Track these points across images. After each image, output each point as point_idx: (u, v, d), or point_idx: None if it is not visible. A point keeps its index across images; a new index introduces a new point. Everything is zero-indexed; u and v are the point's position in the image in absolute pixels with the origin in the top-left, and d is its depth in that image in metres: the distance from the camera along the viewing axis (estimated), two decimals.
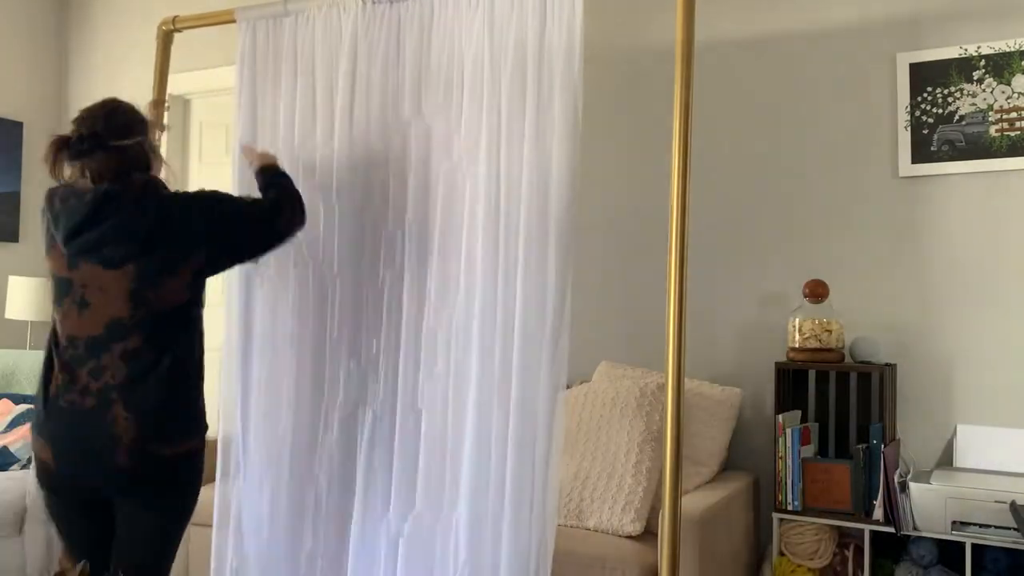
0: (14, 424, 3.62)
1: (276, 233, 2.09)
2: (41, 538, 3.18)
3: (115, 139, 1.90)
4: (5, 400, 3.71)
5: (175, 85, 4.41)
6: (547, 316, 2.09)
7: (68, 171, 1.92)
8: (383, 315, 2.33)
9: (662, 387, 2.87)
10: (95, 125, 1.90)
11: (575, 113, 2.09)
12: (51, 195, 1.97)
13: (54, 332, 1.96)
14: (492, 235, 2.16)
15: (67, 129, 1.95)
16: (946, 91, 2.90)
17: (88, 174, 1.90)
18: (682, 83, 1.99)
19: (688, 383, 3.03)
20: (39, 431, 1.92)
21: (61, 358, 1.91)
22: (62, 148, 1.90)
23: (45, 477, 1.93)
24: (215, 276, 2.05)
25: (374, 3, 2.34)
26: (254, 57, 2.56)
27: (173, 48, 2.82)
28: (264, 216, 2.06)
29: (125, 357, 1.85)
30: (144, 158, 1.98)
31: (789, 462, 2.74)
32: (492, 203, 2.16)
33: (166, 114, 2.68)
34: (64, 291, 1.93)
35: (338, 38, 2.40)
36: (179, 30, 2.76)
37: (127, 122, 1.95)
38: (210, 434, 2.12)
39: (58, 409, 1.87)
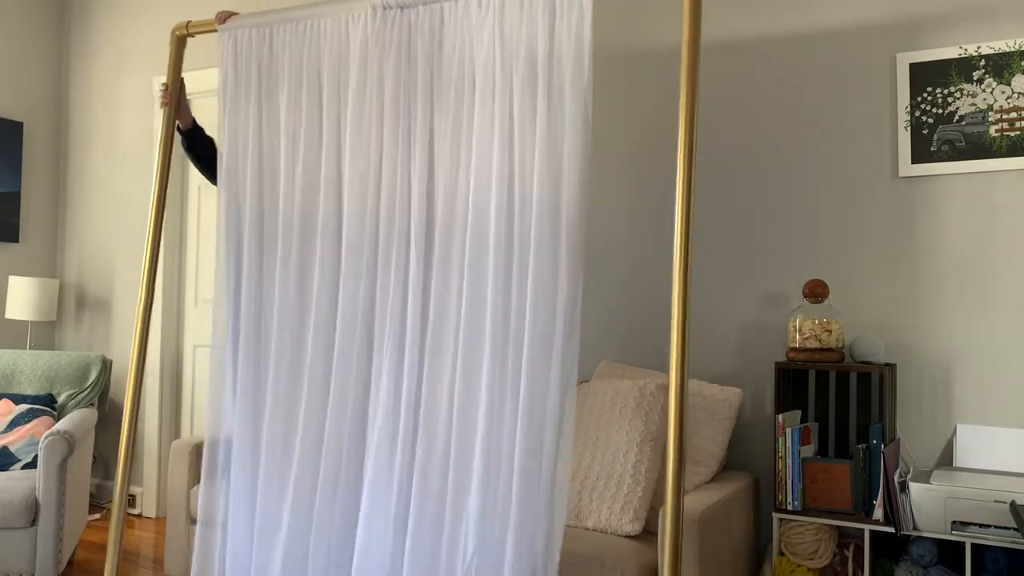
0: (14, 424, 3.62)
1: None
2: (51, 531, 3.19)
3: None
4: (5, 400, 3.71)
5: None
6: (558, 316, 2.10)
7: None
8: (389, 314, 2.32)
9: (661, 387, 2.87)
10: None
11: (585, 115, 2.09)
12: None
13: None
14: (505, 236, 2.16)
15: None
16: (946, 91, 2.90)
17: None
18: (688, 85, 1.99)
19: (688, 383, 3.03)
20: None
21: None
22: None
23: None
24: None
25: (384, 9, 2.34)
26: (236, 68, 2.58)
27: None
28: None
29: None
30: None
31: (789, 462, 2.74)
32: (503, 205, 2.16)
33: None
34: None
35: (346, 46, 2.40)
36: (192, 35, 2.76)
37: None
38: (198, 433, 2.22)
39: None
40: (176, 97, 2.75)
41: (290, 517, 2.41)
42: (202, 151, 2.80)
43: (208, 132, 2.83)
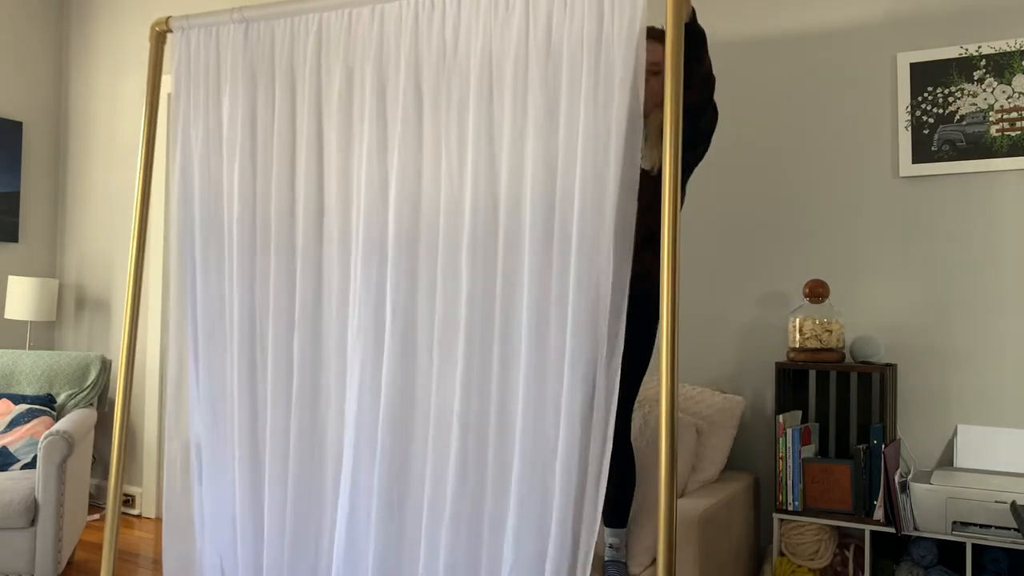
0: (14, 424, 3.62)
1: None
2: (51, 532, 3.18)
3: None
4: (5, 400, 3.71)
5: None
6: (601, 323, 1.99)
7: None
8: (398, 309, 2.26)
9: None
10: None
11: (635, 104, 1.99)
12: None
13: None
14: (546, 231, 2.07)
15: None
16: (946, 91, 2.90)
17: None
18: (673, 89, 1.95)
19: (691, 390, 3.01)
20: None
21: None
22: None
23: None
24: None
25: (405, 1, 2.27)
26: (188, 67, 2.58)
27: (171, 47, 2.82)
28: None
29: None
30: None
31: (789, 462, 2.74)
32: (541, 200, 2.07)
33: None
34: None
35: (378, 36, 2.33)
36: (172, 31, 2.76)
37: None
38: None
39: None
40: (158, 95, 2.75)
41: (267, 518, 2.38)
42: None
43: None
